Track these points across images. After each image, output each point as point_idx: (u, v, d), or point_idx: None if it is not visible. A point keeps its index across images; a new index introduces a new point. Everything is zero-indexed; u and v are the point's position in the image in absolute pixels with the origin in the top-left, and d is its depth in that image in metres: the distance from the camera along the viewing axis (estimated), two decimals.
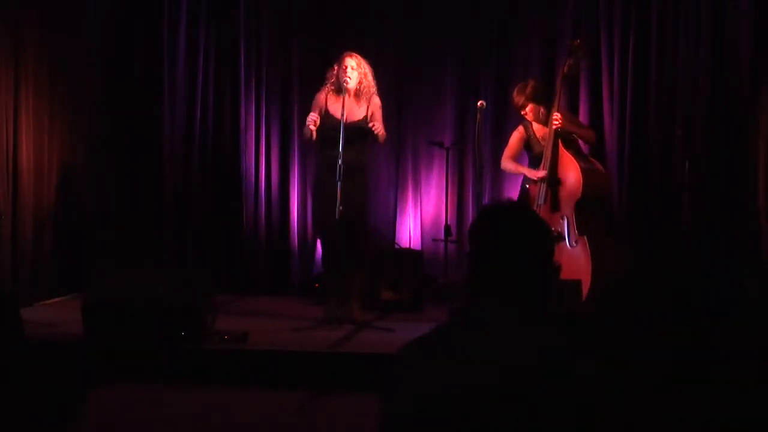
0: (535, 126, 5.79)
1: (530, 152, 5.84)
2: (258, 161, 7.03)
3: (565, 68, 5.67)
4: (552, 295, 1.73)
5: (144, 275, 5.03)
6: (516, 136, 5.86)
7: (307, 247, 7.00)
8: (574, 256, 5.43)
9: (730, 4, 6.19)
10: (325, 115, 5.47)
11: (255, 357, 4.80)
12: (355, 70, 5.45)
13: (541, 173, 5.60)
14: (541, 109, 5.73)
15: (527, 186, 5.84)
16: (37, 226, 6.16)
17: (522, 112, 5.76)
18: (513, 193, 6.33)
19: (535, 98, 5.71)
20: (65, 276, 6.33)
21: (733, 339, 1.60)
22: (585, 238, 5.45)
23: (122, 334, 4.73)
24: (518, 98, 5.74)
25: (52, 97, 6.34)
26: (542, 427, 1.54)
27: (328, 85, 5.55)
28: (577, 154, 5.67)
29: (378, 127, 5.39)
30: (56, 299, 6.26)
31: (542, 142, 5.71)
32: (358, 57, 5.50)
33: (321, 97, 5.56)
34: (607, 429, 1.57)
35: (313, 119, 5.39)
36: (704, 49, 6.22)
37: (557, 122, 5.54)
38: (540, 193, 5.58)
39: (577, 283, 5.26)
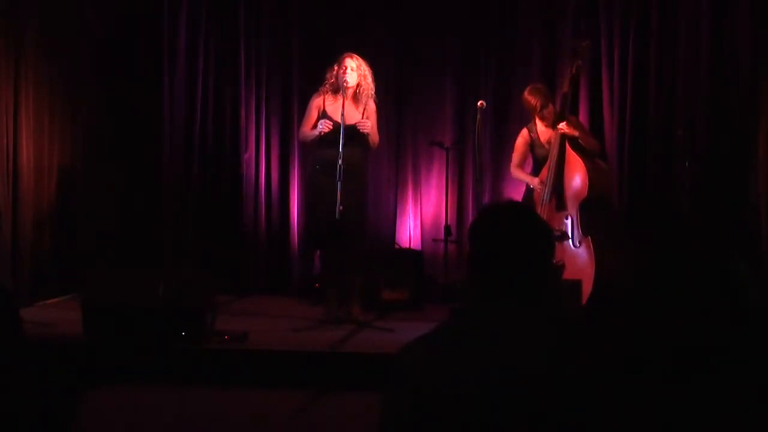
0: (540, 129, 5.77)
1: (534, 156, 5.85)
2: (258, 161, 7.02)
3: (573, 69, 5.64)
4: (552, 295, 1.73)
5: (144, 275, 5.02)
6: (521, 141, 5.87)
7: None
8: (576, 256, 5.44)
9: (730, 4, 6.19)
10: (324, 117, 5.46)
11: (255, 357, 4.80)
12: (355, 71, 5.44)
13: (536, 181, 5.62)
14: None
15: (530, 185, 5.85)
16: (37, 226, 6.16)
17: (541, 114, 5.72)
18: (513, 192, 6.34)
19: (551, 100, 5.74)
20: (65, 276, 6.33)
21: (735, 338, 1.60)
22: (589, 239, 5.45)
23: (122, 334, 4.73)
24: (535, 100, 5.70)
25: (52, 97, 6.34)
26: (543, 427, 1.54)
27: (327, 86, 5.54)
28: (583, 153, 5.65)
29: (366, 126, 5.39)
30: (56, 299, 6.26)
31: (546, 146, 5.70)
32: (359, 58, 5.49)
33: (318, 98, 5.55)
34: (608, 429, 1.57)
35: (328, 125, 5.36)
36: (704, 49, 6.22)
37: (563, 128, 5.52)
38: (543, 193, 5.58)
39: (577, 283, 5.26)
